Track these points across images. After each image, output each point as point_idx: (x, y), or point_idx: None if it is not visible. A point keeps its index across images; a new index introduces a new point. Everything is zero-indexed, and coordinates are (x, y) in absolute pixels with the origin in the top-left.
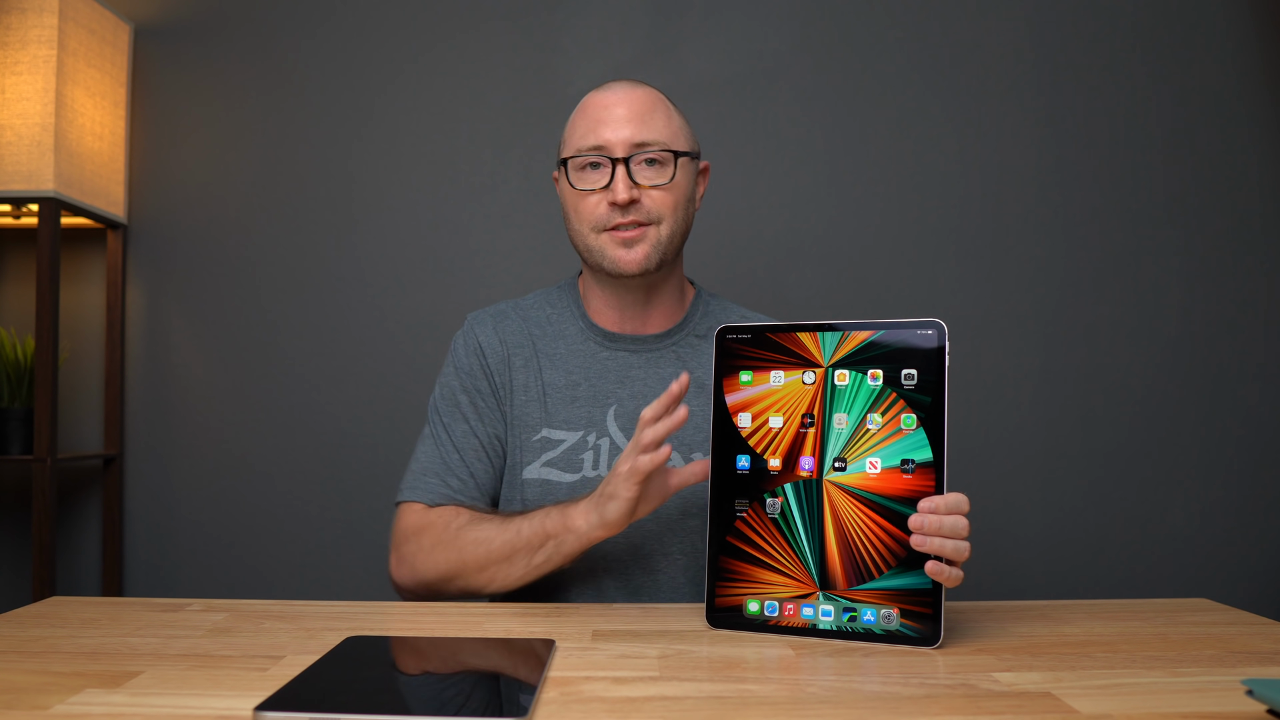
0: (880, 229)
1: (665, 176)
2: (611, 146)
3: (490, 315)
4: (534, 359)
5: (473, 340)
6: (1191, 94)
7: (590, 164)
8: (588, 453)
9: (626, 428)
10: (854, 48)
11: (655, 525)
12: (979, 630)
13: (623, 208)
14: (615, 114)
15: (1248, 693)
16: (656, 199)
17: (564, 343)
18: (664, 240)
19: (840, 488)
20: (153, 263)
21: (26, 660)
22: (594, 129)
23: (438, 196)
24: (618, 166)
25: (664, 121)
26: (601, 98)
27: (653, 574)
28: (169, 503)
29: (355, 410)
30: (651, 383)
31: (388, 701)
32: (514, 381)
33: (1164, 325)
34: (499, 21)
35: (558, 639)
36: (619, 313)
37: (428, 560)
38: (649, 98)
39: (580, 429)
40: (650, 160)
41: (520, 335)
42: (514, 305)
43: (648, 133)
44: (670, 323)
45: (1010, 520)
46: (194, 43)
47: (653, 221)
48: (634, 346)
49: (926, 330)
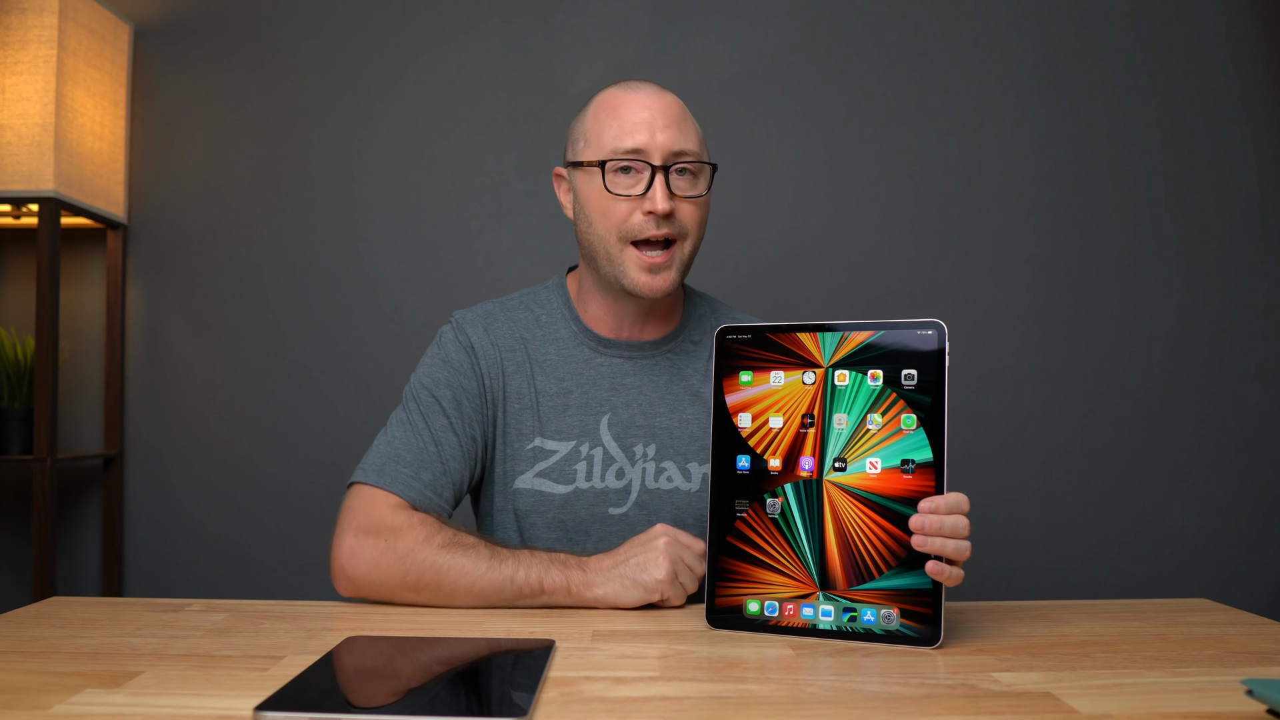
0: (880, 229)
1: (699, 189)
2: (650, 152)
3: (479, 316)
4: (526, 364)
5: (465, 338)
6: (1191, 94)
7: (623, 167)
8: (580, 463)
9: (620, 436)
10: (854, 48)
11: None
12: (979, 630)
13: (660, 218)
14: (650, 117)
15: (1248, 693)
16: (688, 212)
17: (555, 347)
18: (685, 259)
19: (840, 488)
20: (153, 263)
21: (26, 660)
22: (630, 131)
23: (438, 196)
24: (656, 175)
25: (694, 130)
26: (632, 96)
27: None
28: (169, 503)
29: (355, 410)
30: (645, 390)
31: (388, 701)
32: (507, 387)
33: (1164, 325)
34: (499, 21)
35: (558, 639)
36: (617, 321)
37: (392, 567)
38: (678, 105)
39: (573, 439)
40: (682, 170)
41: (511, 339)
42: (500, 306)
43: (684, 142)
44: (666, 329)
45: (1010, 520)
46: (194, 43)
47: (680, 237)
48: (628, 353)
49: (926, 330)
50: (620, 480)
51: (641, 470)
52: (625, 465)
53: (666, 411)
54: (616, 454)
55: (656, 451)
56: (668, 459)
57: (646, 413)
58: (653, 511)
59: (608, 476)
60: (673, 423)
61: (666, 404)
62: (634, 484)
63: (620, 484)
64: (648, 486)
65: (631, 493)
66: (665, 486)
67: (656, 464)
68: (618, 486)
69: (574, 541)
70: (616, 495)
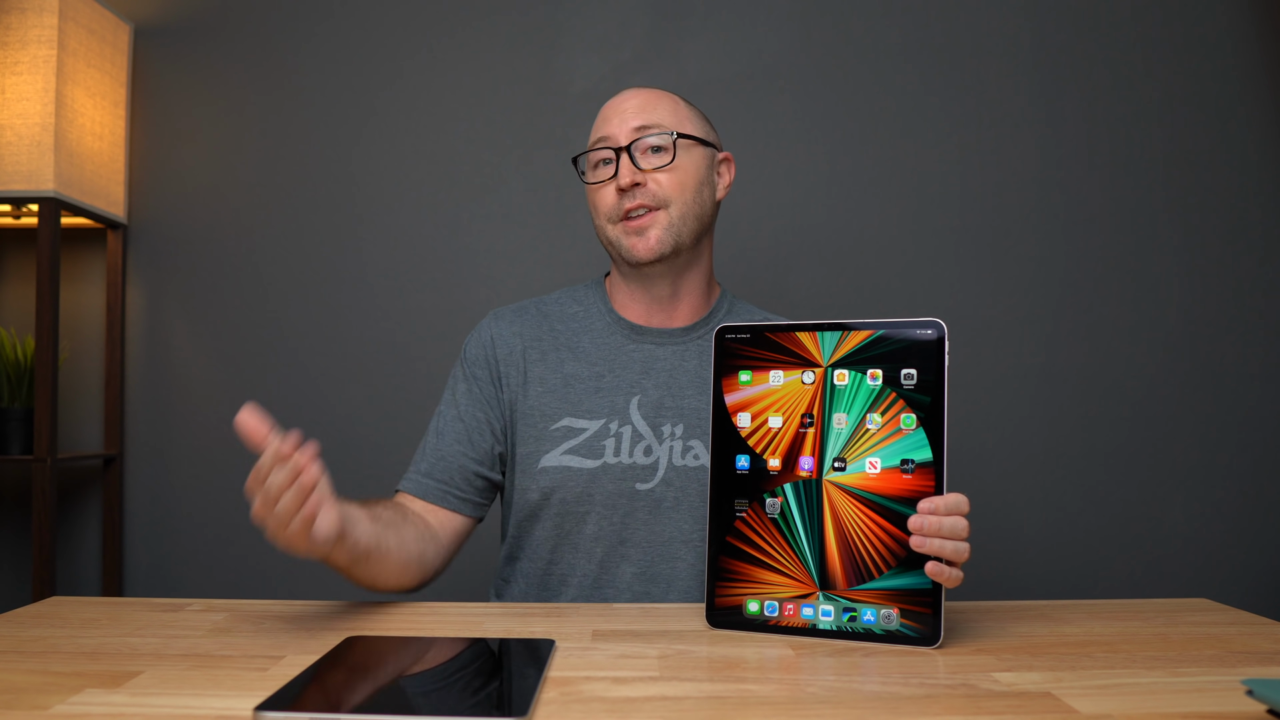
0: (880, 229)
1: (666, 158)
2: (615, 137)
3: (511, 311)
4: (554, 352)
5: (486, 333)
6: (1191, 94)
7: (601, 160)
8: (609, 439)
9: (650, 416)
10: (854, 48)
11: (678, 513)
12: (979, 630)
13: (627, 191)
14: (622, 109)
15: (1248, 693)
16: (662, 181)
17: (590, 336)
18: (675, 222)
19: (840, 488)
20: (153, 263)
21: (26, 660)
22: (600, 126)
23: (438, 196)
24: (621, 155)
25: (668, 109)
26: (614, 100)
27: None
28: (169, 503)
29: (356, 410)
30: (676, 374)
31: (388, 701)
32: (529, 374)
33: (1164, 325)
34: (499, 21)
35: (558, 639)
36: (645, 305)
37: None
38: (656, 92)
39: (603, 417)
40: (655, 148)
41: (539, 329)
42: (536, 302)
43: (646, 118)
44: (697, 316)
45: (1010, 520)
46: (194, 43)
47: (660, 205)
48: (660, 339)
49: (926, 330)
50: (648, 457)
51: (669, 449)
52: (653, 443)
53: (695, 394)
54: (645, 432)
55: (684, 431)
56: (695, 438)
57: (676, 394)
58: (679, 489)
59: (636, 453)
60: (700, 404)
61: (695, 387)
62: (661, 461)
63: (648, 461)
64: (674, 464)
65: (659, 469)
66: (692, 464)
67: (684, 443)
68: (646, 463)
69: (603, 516)
70: (644, 471)
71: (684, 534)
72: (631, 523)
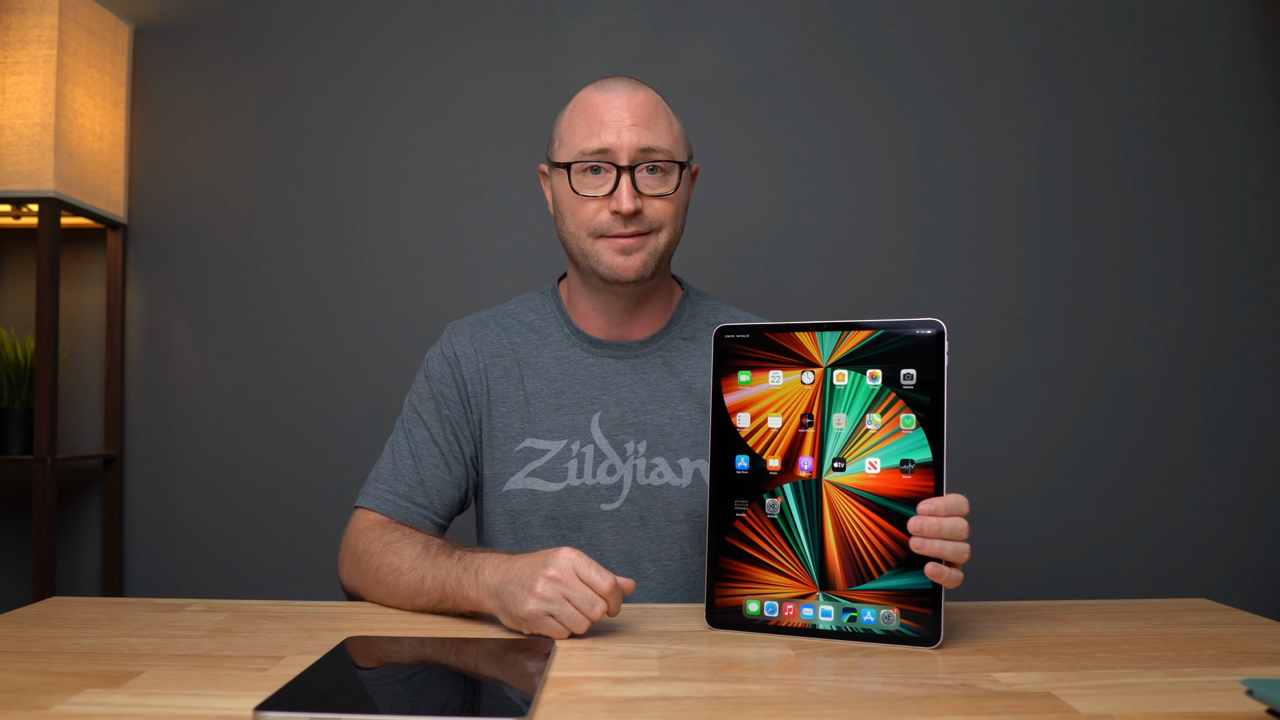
0: (880, 229)
1: (669, 186)
2: (616, 152)
3: (469, 325)
4: (515, 368)
5: (449, 349)
6: (1191, 94)
7: (592, 168)
8: (572, 461)
9: (611, 433)
10: (854, 48)
11: (644, 532)
12: (979, 630)
13: (626, 218)
14: (619, 117)
15: (1248, 693)
16: (658, 208)
17: (548, 350)
18: (661, 249)
19: (840, 488)
20: (153, 263)
21: (26, 660)
22: (597, 132)
23: (438, 196)
24: (623, 175)
25: (666, 127)
26: (603, 98)
27: (643, 580)
28: (169, 503)
29: (355, 410)
30: (637, 389)
31: (387, 701)
32: (492, 392)
33: (1164, 325)
34: (499, 21)
35: (558, 639)
36: (605, 318)
37: (351, 573)
38: (651, 101)
39: (564, 437)
40: (653, 168)
41: (499, 344)
42: (495, 314)
43: (652, 139)
44: (656, 327)
45: (1010, 520)
46: (194, 43)
47: (653, 230)
48: (619, 353)
49: (926, 330)
50: (612, 477)
51: (633, 467)
52: (617, 462)
53: (657, 409)
54: (608, 451)
55: (648, 448)
56: (658, 455)
57: (638, 410)
58: (644, 508)
59: (599, 473)
60: (663, 419)
61: (658, 401)
62: (625, 480)
63: (612, 480)
64: (639, 483)
65: (623, 489)
66: (656, 483)
67: (648, 460)
68: (609, 483)
69: (568, 539)
70: (608, 491)
71: (651, 553)
72: (599, 543)
